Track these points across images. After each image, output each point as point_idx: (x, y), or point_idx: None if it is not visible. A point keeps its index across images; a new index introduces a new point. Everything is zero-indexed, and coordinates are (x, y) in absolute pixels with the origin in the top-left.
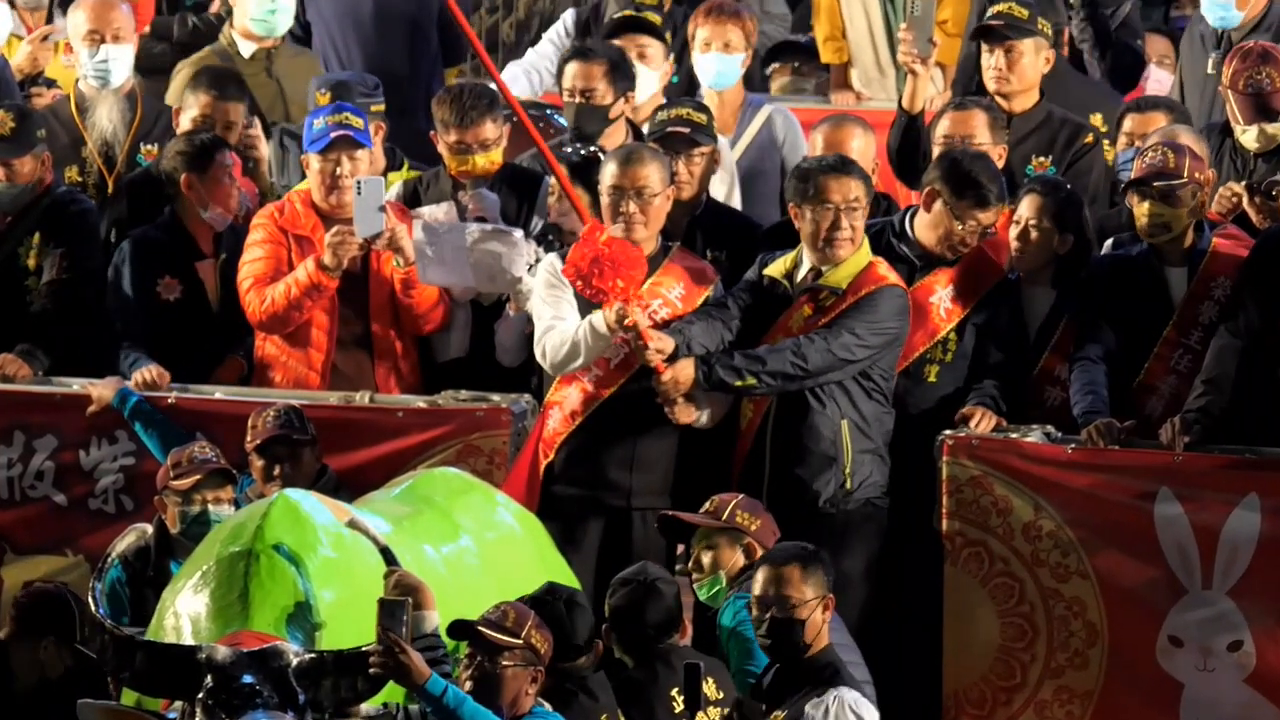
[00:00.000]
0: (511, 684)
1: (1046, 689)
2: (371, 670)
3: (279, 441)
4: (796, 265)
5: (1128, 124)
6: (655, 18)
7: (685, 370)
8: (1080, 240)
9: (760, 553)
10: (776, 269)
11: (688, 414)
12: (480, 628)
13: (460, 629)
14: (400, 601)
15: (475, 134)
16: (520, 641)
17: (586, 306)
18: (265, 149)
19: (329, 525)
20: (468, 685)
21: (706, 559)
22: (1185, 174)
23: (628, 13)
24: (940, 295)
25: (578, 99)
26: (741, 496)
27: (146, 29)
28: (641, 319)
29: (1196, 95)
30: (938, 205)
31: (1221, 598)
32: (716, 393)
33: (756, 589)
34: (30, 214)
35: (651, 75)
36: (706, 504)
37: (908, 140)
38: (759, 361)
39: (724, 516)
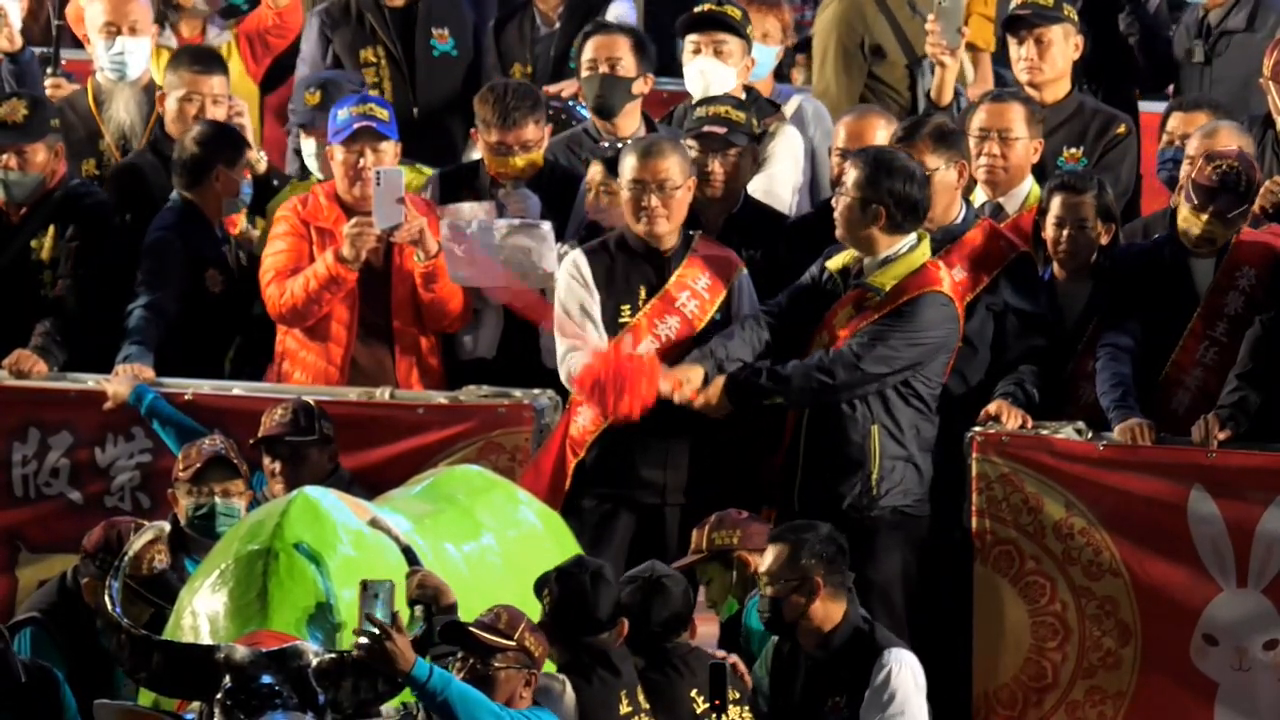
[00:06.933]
0: (505, 686)
1: (1079, 689)
2: (355, 655)
3: (277, 440)
4: (858, 260)
5: (1172, 122)
6: (736, 11)
7: (715, 393)
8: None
9: (754, 560)
10: (836, 263)
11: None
12: (471, 629)
13: (452, 631)
14: (383, 583)
15: (517, 135)
16: (513, 643)
17: (612, 317)
18: (251, 123)
19: (349, 523)
20: None
21: (712, 591)
22: (1248, 197)
23: (708, 6)
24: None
25: (602, 69)
26: (713, 516)
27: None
28: (664, 387)
29: (1190, 86)
30: None
31: (1257, 596)
32: None
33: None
34: (44, 206)
35: (729, 72)
36: (691, 542)
37: None
38: (783, 381)
39: (705, 546)
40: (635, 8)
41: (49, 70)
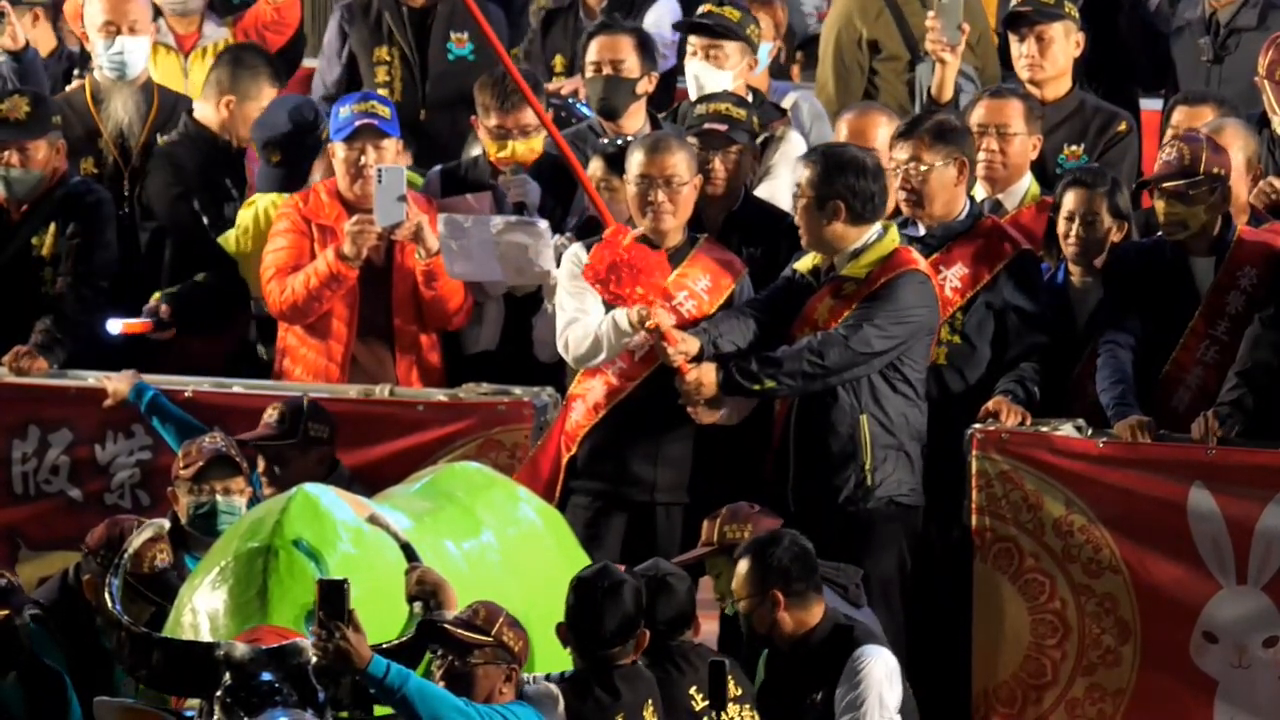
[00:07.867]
0: (484, 682)
1: (1078, 687)
2: (313, 655)
3: (262, 442)
4: (828, 259)
5: (1176, 116)
6: (734, 13)
7: (709, 374)
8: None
9: None
10: (805, 264)
11: (710, 416)
12: (447, 626)
13: (428, 629)
14: (339, 582)
15: (516, 119)
16: (490, 639)
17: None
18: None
19: (349, 521)
20: (441, 685)
21: (720, 584)
22: (1201, 170)
23: (708, 8)
24: (947, 275)
25: (605, 71)
26: (725, 510)
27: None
28: (664, 320)
29: (1197, 84)
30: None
31: (1257, 593)
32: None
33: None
34: (45, 203)
35: (724, 76)
36: (702, 534)
37: None
38: (775, 364)
39: (715, 539)
40: (677, 6)
41: (77, 72)
